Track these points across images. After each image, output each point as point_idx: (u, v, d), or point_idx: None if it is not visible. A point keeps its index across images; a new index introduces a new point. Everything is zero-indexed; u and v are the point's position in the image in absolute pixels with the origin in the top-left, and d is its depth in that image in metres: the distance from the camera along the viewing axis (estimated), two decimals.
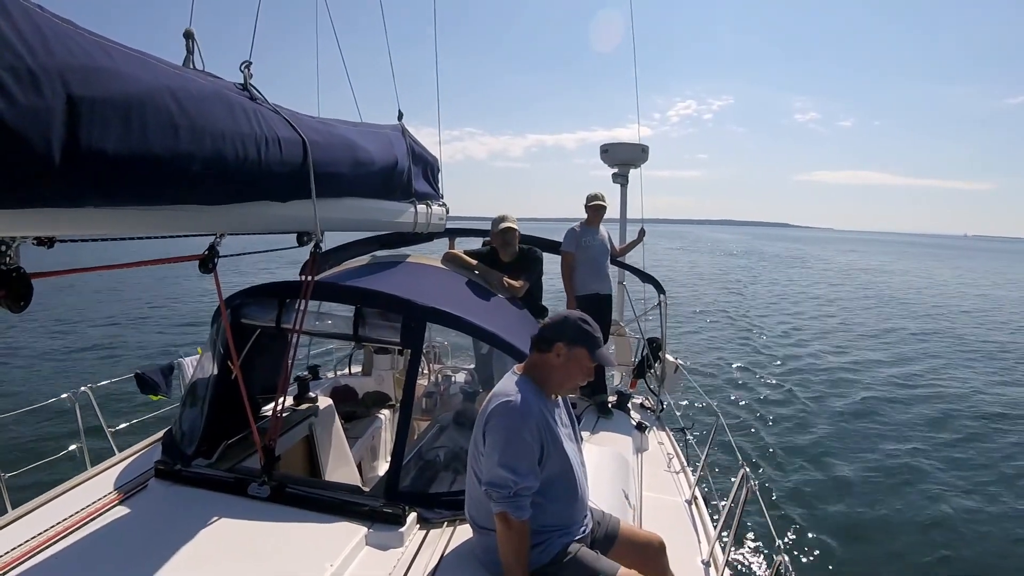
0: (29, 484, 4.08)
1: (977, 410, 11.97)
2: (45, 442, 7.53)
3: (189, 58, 2.40)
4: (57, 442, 4.83)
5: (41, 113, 1.48)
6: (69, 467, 4.15)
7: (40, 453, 4.39)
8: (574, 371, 2.44)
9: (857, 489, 8.12)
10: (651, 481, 4.56)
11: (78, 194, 1.67)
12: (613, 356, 2.51)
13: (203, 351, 4.11)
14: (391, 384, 6.06)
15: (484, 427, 2.36)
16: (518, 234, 4.85)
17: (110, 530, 2.72)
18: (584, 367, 2.44)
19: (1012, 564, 6.54)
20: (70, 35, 1.63)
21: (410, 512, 2.84)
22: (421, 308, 3.24)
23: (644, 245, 7.05)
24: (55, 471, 4.16)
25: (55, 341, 15.58)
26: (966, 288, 40.36)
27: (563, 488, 2.44)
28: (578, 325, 2.47)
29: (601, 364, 2.44)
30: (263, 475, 2.94)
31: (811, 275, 47.46)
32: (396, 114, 4.30)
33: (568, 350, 2.44)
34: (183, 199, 2.08)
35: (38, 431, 8.25)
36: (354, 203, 3.39)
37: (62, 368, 13.15)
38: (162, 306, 21.85)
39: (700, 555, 3.49)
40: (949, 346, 18.97)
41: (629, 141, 7.99)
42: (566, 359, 2.44)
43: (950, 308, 29.08)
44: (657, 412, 6.36)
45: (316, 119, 2.98)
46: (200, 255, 2.46)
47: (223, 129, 2.12)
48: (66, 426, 6.59)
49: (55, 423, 8.03)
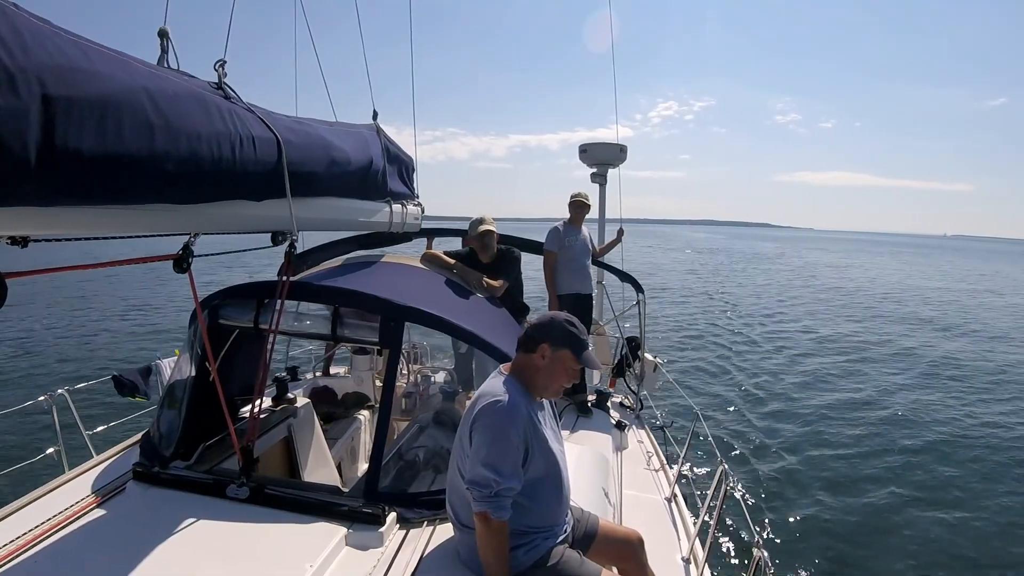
0: (5, 487, 4.04)
1: (955, 404, 12.19)
2: (22, 445, 7.46)
3: (164, 57, 2.39)
4: (34, 445, 4.79)
5: (16, 113, 1.48)
6: (47, 470, 4.12)
7: (17, 456, 4.34)
8: (559, 373, 2.45)
9: (835, 485, 8.22)
10: (631, 479, 4.58)
11: (53, 193, 1.67)
12: (597, 359, 2.52)
13: (180, 352, 4.09)
14: (371, 385, 6.05)
15: (471, 427, 2.35)
16: (496, 236, 4.87)
17: (88, 533, 2.70)
18: (568, 369, 2.45)
19: (988, 559, 6.63)
20: (47, 35, 1.64)
21: (390, 512, 2.84)
22: (399, 307, 3.24)
23: (622, 244, 7.09)
24: (32, 474, 4.12)
25: (31, 342, 15.38)
26: (946, 285, 40.93)
27: (548, 490, 2.44)
28: (564, 327, 2.48)
29: (587, 366, 2.45)
30: (241, 477, 2.94)
31: (783, 272, 48.16)
32: (371, 115, 4.31)
33: (553, 352, 2.44)
34: (157, 198, 2.08)
35: (14, 433, 8.14)
36: (329, 202, 3.38)
37: (38, 370, 12.98)
38: (140, 307, 21.68)
39: (680, 552, 3.51)
40: (926, 340, 19.32)
41: (608, 141, 8.01)
42: (551, 361, 2.44)
43: (925, 303, 29.78)
44: (636, 411, 6.40)
45: (291, 118, 2.98)
46: (174, 255, 2.45)
47: (198, 129, 2.12)
48: (43, 428, 6.52)
49: (32, 425, 7.95)
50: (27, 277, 1.89)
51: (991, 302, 31.76)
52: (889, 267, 59.72)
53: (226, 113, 2.32)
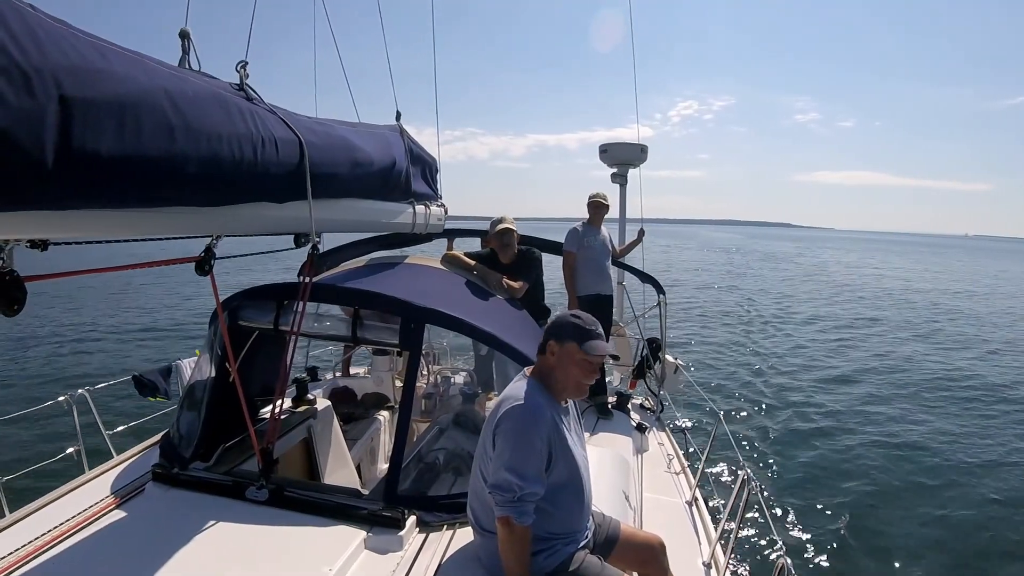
0: (26, 487, 4.06)
1: (990, 406, 11.95)
2: (42, 445, 7.50)
3: (185, 58, 2.36)
4: (54, 445, 4.81)
5: (34, 114, 1.45)
6: (66, 470, 4.13)
7: (37, 456, 4.36)
8: (570, 368, 2.41)
9: (861, 490, 8.05)
10: (651, 482, 4.55)
11: (72, 196, 1.65)
12: (610, 345, 2.47)
13: (201, 353, 4.09)
14: (390, 385, 6.04)
15: (494, 430, 2.34)
16: (516, 235, 4.83)
17: (107, 534, 2.70)
18: (578, 361, 2.40)
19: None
20: (64, 36, 1.61)
21: (409, 515, 2.83)
22: (420, 309, 3.22)
23: (642, 245, 7.04)
24: (52, 474, 4.14)
25: (52, 344, 15.54)
26: (968, 286, 40.28)
27: (570, 495, 2.42)
28: (566, 320, 2.47)
29: (593, 354, 2.39)
30: (261, 478, 2.93)
31: (804, 272, 47.82)
32: (394, 114, 4.29)
33: (559, 347, 2.42)
34: (179, 201, 2.06)
35: (35, 434, 8.22)
36: (351, 204, 3.36)
37: (59, 371, 13.09)
38: (160, 308, 21.81)
39: (701, 557, 3.48)
40: (955, 344, 18.97)
41: (629, 141, 7.97)
42: (559, 357, 2.42)
43: (950, 305, 29.20)
44: (657, 413, 6.35)
45: (313, 119, 2.95)
46: (196, 257, 2.44)
47: (219, 130, 2.10)
48: (63, 429, 6.55)
49: (52, 426, 7.99)
50: (47, 280, 1.88)
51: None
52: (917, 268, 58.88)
53: (248, 114, 2.29)
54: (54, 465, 4.17)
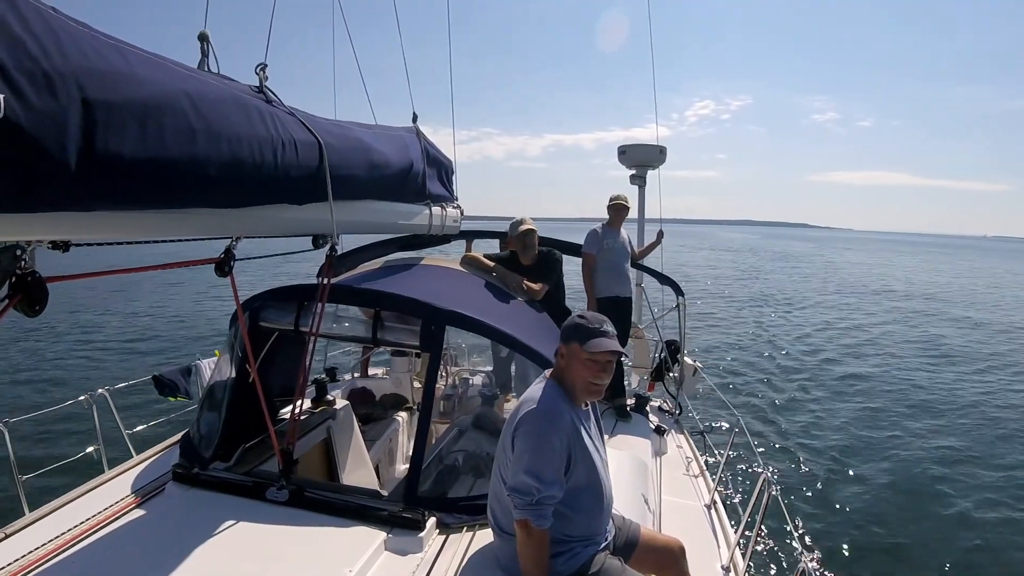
0: (46, 486, 4.10)
1: (1016, 409, 11.74)
2: (62, 444, 7.58)
3: (204, 61, 2.37)
4: (74, 444, 4.85)
5: (56, 117, 1.46)
6: (86, 469, 4.16)
7: (57, 455, 4.40)
8: (579, 369, 2.39)
9: (884, 494, 7.91)
10: (670, 485, 4.51)
11: (94, 198, 1.66)
12: (613, 342, 2.44)
13: (221, 353, 4.10)
14: (408, 386, 6.05)
15: (513, 433, 2.34)
16: (537, 237, 4.82)
17: (128, 533, 2.72)
18: (583, 361, 2.37)
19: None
20: (85, 38, 1.62)
21: (429, 517, 2.82)
22: (441, 311, 3.21)
23: (661, 246, 6.99)
24: (72, 473, 4.17)
25: (72, 343, 15.68)
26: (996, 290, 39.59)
27: (590, 498, 2.41)
28: (571, 322, 2.47)
29: (594, 352, 2.36)
30: (281, 479, 2.94)
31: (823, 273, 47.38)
32: (410, 115, 4.30)
33: (566, 348, 2.42)
34: (200, 203, 2.07)
35: (55, 433, 8.26)
36: (369, 205, 3.37)
37: (79, 370, 13.20)
38: (179, 308, 21.94)
39: (720, 560, 3.45)
40: (980, 346, 18.71)
41: (647, 142, 7.93)
42: (568, 358, 2.42)
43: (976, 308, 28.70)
44: (675, 415, 6.30)
45: (331, 121, 2.96)
46: (216, 258, 2.44)
47: (240, 133, 2.10)
48: (83, 428, 6.60)
49: (72, 425, 8.05)
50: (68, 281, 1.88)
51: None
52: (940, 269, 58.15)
53: (268, 117, 2.30)
54: (74, 464, 4.20)
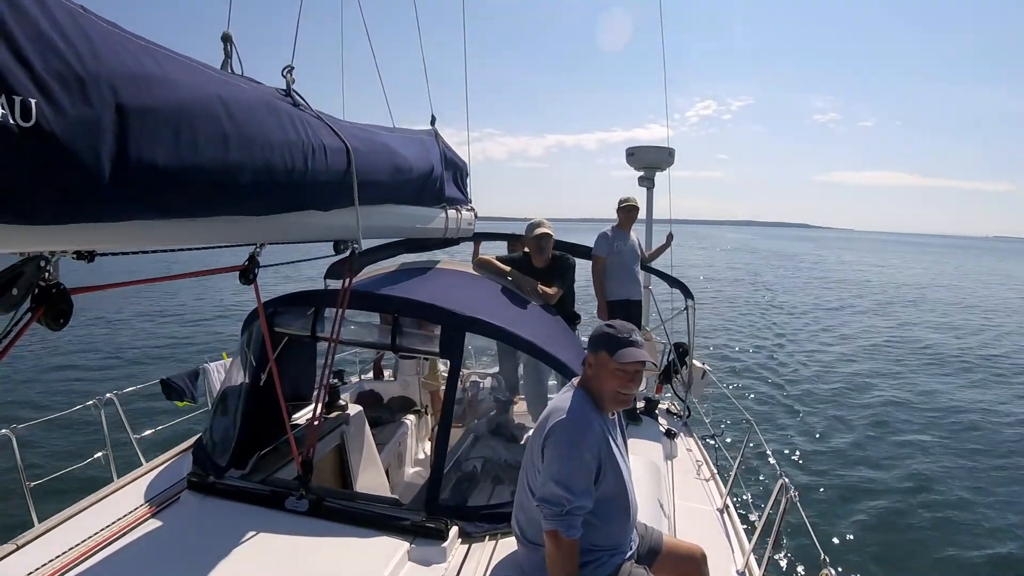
0: (55, 492, 4.04)
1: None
2: (70, 449, 7.50)
3: (227, 62, 2.31)
4: (82, 449, 4.79)
5: (91, 124, 1.39)
6: (95, 474, 4.11)
7: (66, 460, 4.33)
8: (607, 378, 2.37)
9: (904, 500, 7.81)
10: (682, 489, 4.48)
11: (127, 209, 1.60)
12: (643, 352, 2.41)
13: (229, 357, 4.05)
14: (416, 389, 6.00)
15: (543, 442, 2.32)
16: (553, 240, 4.78)
17: (145, 545, 2.67)
18: (613, 371, 2.36)
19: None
20: (117, 39, 1.55)
21: (452, 526, 2.79)
22: (462, 318, 3.17)
23: (671, 249, 6.95)
24: (81, 479, 4.12)
25: (80, 347, 15.49)
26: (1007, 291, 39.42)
27: (617, 508, 2.40)
28: (599, 330, 2.45)
29: (624, 363, 2.34)
30: (300, 488, 2.89)
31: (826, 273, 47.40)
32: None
33: (595, 358, 2.41)
34: (230, 210, 2.01)
35: (63, 438, 8.18)
36: (390, 210, 3.33)
37: (86, 374, 13.04)
38: (185, 312, 21.68)
39: (735, 565, 3.42)
40: (994, 347, 18.66)
41: (655, 144, 7.91)
42: (596, 368, 2.40)
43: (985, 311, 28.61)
44: (684, 418, 6.26)
45: (356, 125, 2.92)
46: (241, 266, 2.39)
47: (272, 139, 2.05)
48: (92, 433, 6.52)
49: (80, 430, 7.97)
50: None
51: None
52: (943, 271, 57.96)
53: (297, 122, 2.24)
54: (83, 469, 4.14)
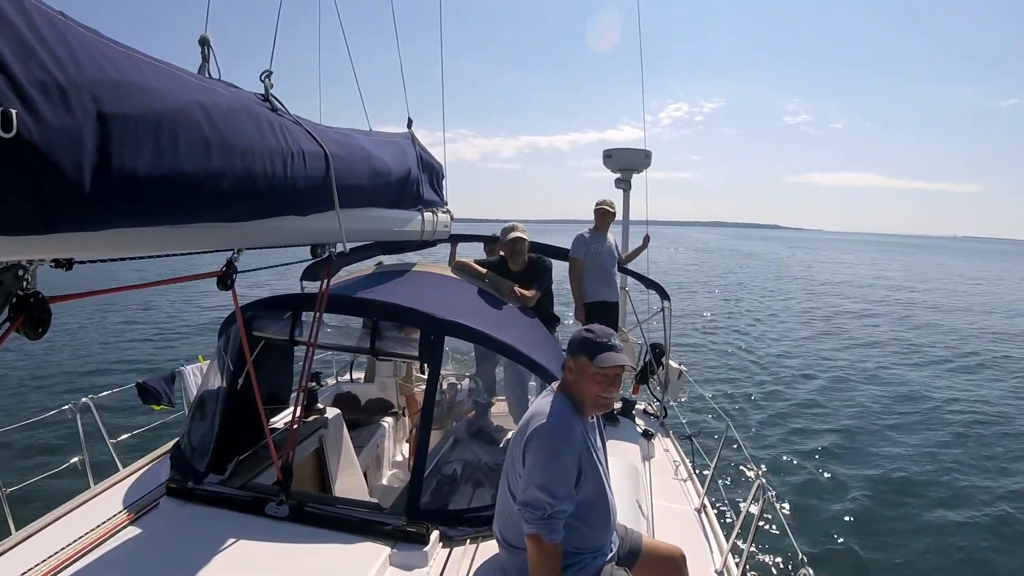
0: (31, 497, 4.00)
1: (1004, 407, 11.92)
2: (46, 454, 7.39)
3: (205, 66, 2.29)
4: (59, 454, 4.72)
5: (72, 133, 1.37)
6: (71, 479, 4.06)
7: (42, 466, 4.29)
8: (587, 383, 2.39)
9: (876, 496, 7.92)
10: (660, 489, 4.52)
11: (108, 217, 1.58)
12: (622, 356, 2.44)
13: (205, 360, 4.02)
14: (393, 391, 5.99)
15: (525, 446, 2.32)
16: (527, 243, 4.81)
17: (124, 553, 2.64)
18: (593, 376, 2.38)
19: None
20: (97, 46, 1.53)
21: (433, 530, 2.79)
22: (441, 322, 3.18)
23: (647, 250, 7.00)
24: (57, 484, 4.06)
25: (55, 351, 15.20)
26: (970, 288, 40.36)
27: (598, 511, 2.42)
28: (578, 336, 2.47)
29: (604, 367, 2.36)
30: (281, 494, 2.88)
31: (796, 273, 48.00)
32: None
33: (575, 362, 2.43)
34: (210, 217, 2.00)
35: (39, 443, 8.05)
36: (367, 213, 3.32)
37: (62, 379, 12.74)
38: (160, 316, 21.26)
39: (714, 565, 3.46)
40: (963, 343, 19.07)
41: (631, 146, 7.96)
42: (577, 373, 2.42)
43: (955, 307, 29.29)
44: (661, 418, 6.31)
45: (333, 129, 2.90)
46: (218, 272, 2.37)
47: (252, 145, 2.04)
48: (67, 438, 6.43)
49: (55, 435, 7.86)
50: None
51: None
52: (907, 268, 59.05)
53: (276, 127, 2.24)
54: (59, 474, 4.09)
